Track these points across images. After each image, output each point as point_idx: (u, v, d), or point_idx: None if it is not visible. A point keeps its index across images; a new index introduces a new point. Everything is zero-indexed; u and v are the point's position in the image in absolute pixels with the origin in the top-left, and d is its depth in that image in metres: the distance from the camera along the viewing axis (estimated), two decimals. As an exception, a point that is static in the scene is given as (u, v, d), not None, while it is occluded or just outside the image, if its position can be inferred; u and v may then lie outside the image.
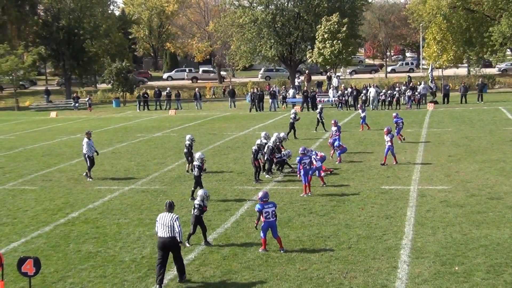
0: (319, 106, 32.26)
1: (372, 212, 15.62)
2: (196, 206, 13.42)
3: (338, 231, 14.14)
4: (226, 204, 17.16)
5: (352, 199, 17.09)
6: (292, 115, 29.09)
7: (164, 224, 11.32)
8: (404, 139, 26.55)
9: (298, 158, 17.99)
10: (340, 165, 21.91)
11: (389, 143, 21.11)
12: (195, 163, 17.52)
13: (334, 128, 24.35)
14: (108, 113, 51.19)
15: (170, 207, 11.61)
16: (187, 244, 13.51)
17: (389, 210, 15.80)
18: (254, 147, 20.08)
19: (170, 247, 11.29)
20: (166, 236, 11.26)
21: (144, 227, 15.15)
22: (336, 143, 22.51)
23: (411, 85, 45.13)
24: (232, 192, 18.58)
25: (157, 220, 11.51)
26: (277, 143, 21.01)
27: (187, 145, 21.57)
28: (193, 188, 17.74)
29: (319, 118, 31.01)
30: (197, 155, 17.89)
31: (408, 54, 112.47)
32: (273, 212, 12.82)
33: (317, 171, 18.65)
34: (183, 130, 35.36)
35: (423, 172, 20.32)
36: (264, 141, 20.81)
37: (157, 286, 11.21)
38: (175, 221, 11.31)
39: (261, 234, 12.92)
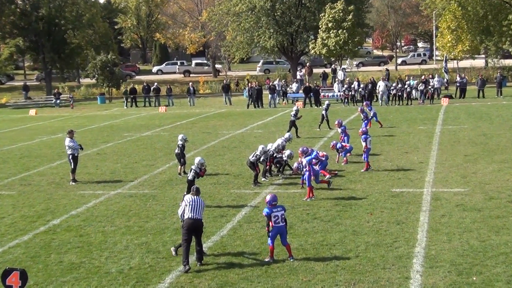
0: (326, 102, 32.21)
1: (381, 218, 15.61)
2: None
3: (344, 238, 14.12)
4: (222, 209, 17.14)
5: (360, 203, 17.08)
6: (293, 112, 29.09)
7: (196, 206, 12.77)
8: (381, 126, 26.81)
9: (308, 159, 17.96)
10: (346, 167, 21.90)
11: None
12: (193, 167, 17.37)
13: (339, 130, 24.33)
14: (93, 110, 51.14)
15: (197, 192, 13.13)
16: (173, 252, 13.48)
17: (400, 215, 15.79)
18: (257, 153, 20.00)
19: (198, 229, 12.69)
20: (198, 218, 12.68)
21: (132, 235, 15.12)
22: (338, 144, 22.49)
23: (422, 78, 45.12)
24: (229, 197, 18.56)
25: (184, 201, 12.90)
26: (280, 148, 20.89)
27: (179, 145, 21.56)
28: (185, 193, 17.67)
29: (324, 115, 31.00)
30: (196, 159, 17.61)
31: (420, 45, 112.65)
32: (283, 216, 12.82)
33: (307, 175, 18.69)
34: (174, 128, 35.34)
35: (437, 173, 20.32)
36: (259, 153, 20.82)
37: (187, 266, 12.52)
38: (203, 205, 13.00)
39: (269, 242, 12.85)
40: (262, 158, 20.10)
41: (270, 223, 12.74)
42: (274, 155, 20.75)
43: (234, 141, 29.47)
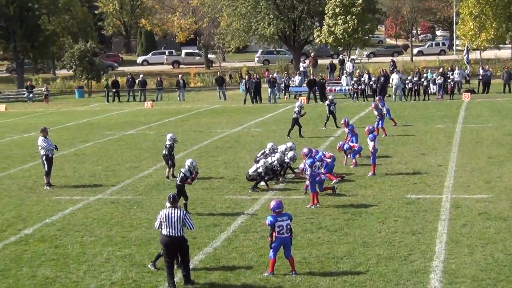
0: (329, 97, 32.21)
1: (395, 227, 15.62)
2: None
3: (353, 250, 14.13)
4: (215, 218, 17.13)
5: (371, 211, 17.08)
6: (297, 109, 29.10)
7: (173, 220, 12.33)
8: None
9: (309, 162, 17.94)
10: (355, 170, 21.91)
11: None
12: (183, 170, 17.37)
13: (346, 130, 24.33)
14: (70, 105, 51.09)
15: (174, 201, 12.65)
16: (152, 267, 13.45)
17: (416, 224, 15.80)
18: (259, 166, 20.07)
19: (179, 247, 12.42)
20: (177, 235, 12.30)
21: (113, 246, 15.11)
22: (345, 145, 22.50)
23: (441, 70, 45.18)
24: (223, 203, 18.55)
25: (159, 217, 12.46)
26: (280, 162, 20.71)
27: (167, 145, 21.55)
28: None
29: (328, 111, 30.99)
30: (187, 161, 17.64)
31: (438, 33, 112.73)
32: (288, 226, 12.74)
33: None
34: (162, 126, 35.32)
35: (457, 177, 20.33)
36: (268, 155, 20.86)
37: (173, 286, 12.29)
38: (184, 217, 12.44)
39: (271, 254, 12.81)
40: (260, 165, 20.08)
41: (274, 233, 12.68)
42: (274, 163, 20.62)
43: (229, 141, 29.47)
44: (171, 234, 12.32)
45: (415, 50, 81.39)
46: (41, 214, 18.32)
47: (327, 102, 31.80)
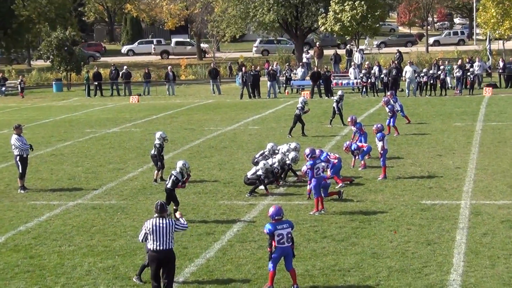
0: (338, 92, 32.15)
1: (408, 237, 15.63)
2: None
3: (361, 262, 14.14)
4: (209, 225, 17.13)
5: (381, 218, 17.09)
6: (300, 105, 29.09)
7: (161, 233, 12.07)
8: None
9: (309, 163, 17.93)
10: (364, 172, 21.91)
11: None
12: (174, 172, 17.37)
13: (354, 128, 24.33)
14: (47, 100, 51.05)
15: (162, 210, 12.34)
16: (137, 281, 13.44)
17: (431, 233, 15.81)
18: (258, 168, 20.10)
19: (167, 263, 12.15)
20: (165, 248, 12.06)
21: (95, 257, 15.10)
22: (353, 145, 22.50)
23: (459, 62, 45.22)
24: (217, 209, 18.55)
25: (145, 229, 12.23)
26: (281, 164, 20.70)
27: (156, 145, 21.55)
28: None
29: (336, 108, 30.99)
30: (179, 163, 17.62)
31: (457, 21, 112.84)
32: (289, 235, 12.71)
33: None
34: (149, 124, 35.31)
35: (477, 181, 20.35)
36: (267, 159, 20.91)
37: None
38: (174, 227, 12.24)
39: (270, 266, 12.76)
40: (259, 167, 20.08)
41: (273, 243, 12.66)
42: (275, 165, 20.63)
43: (223, 139, 29.47)
44: (158, 248, 12.09)
45: (431, 40, 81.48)
46: (15, 220, 18.29)
47: (336, 97, 31.66)
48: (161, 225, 12.11)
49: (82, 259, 15.07)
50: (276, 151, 21.27)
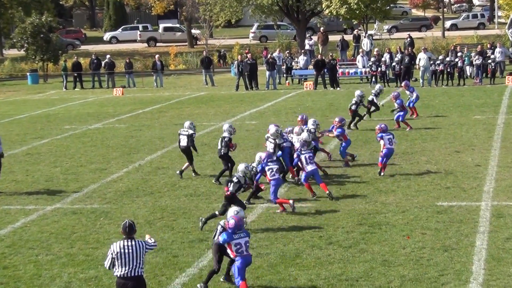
0: (377, 86, 31.24)
1: (423, 242, 15.65)
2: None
3: (371, 270, 14.16)
4: (201, 231, 17.13)
5: (393, 221, 17.11)
6: (357, 99, 28.31)
7: (128, 257, 11.64)
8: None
9: (260, 167, 18.73)
10: (374, 171, 21.88)
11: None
12: (238, 175, 17.61)
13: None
14: (21, 93, 51.00)
15: (130, 231, 11.86)
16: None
17: (448, 238, 15.83)
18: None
19: None
20: (133, 275, 11.60)
21: (76, 267, 15.12)
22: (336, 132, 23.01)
23: (479, 48, 45.22)
24: (210, 213, 18.54)
25: (111, 253, 11.74)
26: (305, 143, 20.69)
27: (225, 138, 21.47)
28: (220, 210, 17.30)
29: (371, 106, 30.20)
30: (241, 166, 17.90)
31: (476, 2, 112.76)
32: (247, 244, 13.16)
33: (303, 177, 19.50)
34: (134, 119, 35.31)
35: (499, 180, 20.38)
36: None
37: None
38: (145, 250, 11.82)
39: (237, 279, 12.95)
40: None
41: (232, 253, 13.07)
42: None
43: (218, 136, 29.36)
44: (128, 275, 11.66)
45: (448, 23, 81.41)
46: (-14, 227, 18.32)
47: (375, 89, 31.00)
48: (130, 247, 11.71)
49: (61, 269, 15.08)
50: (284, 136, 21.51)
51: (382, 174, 21.31)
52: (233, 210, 13.71)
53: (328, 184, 19.90)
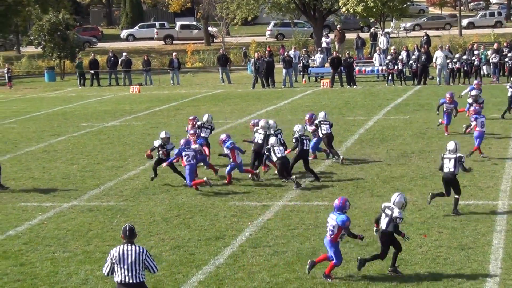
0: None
1: (440, 241, 15.60)
2: (394, 218, 13.92)
3: (388, 269, 14.13)
4: (218, 229, 17.14)
5: (410, 220, 17.06)
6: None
7: (128, 262, 11.40)
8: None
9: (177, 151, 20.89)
10: (390, 170, 21.82)
11: None
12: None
13: (310, 129, 24.00)
14: (38, 90, 51.15)
15: (131, 235, 11.59)
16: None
17: (465, 237, 15.78)
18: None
19: None
20: (134, 282, 11.38)
21: (92, 264, 15.16)
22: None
23: (496, 47, 44.98)
24: (227, 211, 18.57)
25: (111, 258, 11.52)
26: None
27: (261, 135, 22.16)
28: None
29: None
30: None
31: (493, 0, 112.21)
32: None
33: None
34: (151, 116, 35.34)
35: (517, 179, 20.32)
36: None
37: None
38: (145, 257, 11.45)
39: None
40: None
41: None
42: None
43: (234, 133, 29.39)
44: (126, 281, 11.38)
45: (465, 21, 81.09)
46: (3, 224, 18.36)
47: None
48: (129, 252, 11.39)
49: (78, 266, 15.12)
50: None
51: (482, 155, 22.85)
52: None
53: (344, 182, 19.94)
